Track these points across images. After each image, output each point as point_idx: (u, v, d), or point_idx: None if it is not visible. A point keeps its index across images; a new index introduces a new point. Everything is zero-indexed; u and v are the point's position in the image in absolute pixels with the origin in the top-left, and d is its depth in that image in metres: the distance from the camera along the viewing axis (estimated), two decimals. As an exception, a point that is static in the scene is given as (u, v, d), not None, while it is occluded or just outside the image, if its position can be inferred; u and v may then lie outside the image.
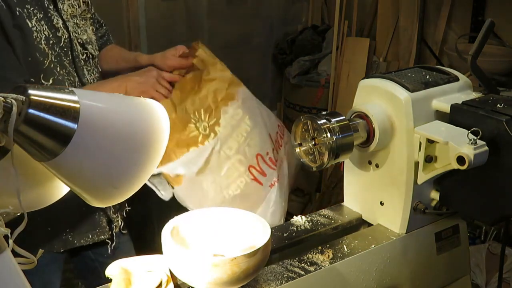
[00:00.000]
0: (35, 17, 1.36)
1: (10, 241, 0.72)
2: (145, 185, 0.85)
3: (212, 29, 3.41)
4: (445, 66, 1.45)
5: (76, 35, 1.50)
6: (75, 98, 0.73)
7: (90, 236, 1.60)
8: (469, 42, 2.91)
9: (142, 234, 2.66)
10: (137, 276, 1.05)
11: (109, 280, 1.05)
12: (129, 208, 1.73)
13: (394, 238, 1.25)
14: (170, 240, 1.01)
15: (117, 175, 0.80)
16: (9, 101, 0.68)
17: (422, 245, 1.29)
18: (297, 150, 1.21)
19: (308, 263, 1.14)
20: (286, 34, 3.78)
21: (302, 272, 1.11)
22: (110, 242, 1.66)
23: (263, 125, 1.61)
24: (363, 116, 1.21)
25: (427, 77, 1.26)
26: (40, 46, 1.38)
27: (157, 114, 0.86)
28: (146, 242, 2.52)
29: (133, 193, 0.84)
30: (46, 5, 1.41)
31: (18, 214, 0.75)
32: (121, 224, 1.69)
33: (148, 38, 3.06)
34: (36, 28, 1.37)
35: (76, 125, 0.72)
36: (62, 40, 1.44)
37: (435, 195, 1.26)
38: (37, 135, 0.71)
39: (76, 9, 1.51)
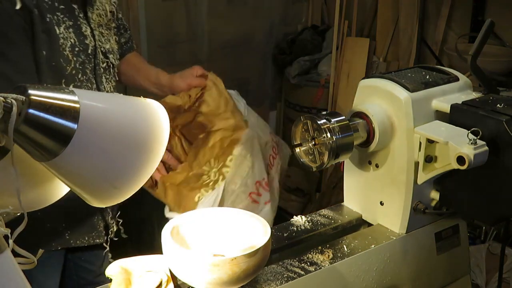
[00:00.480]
0: (64, 25, 1.42)
1: (10, 241, 0.72)
2: (143, 186, 0.85)
3: (212, 29, 3.42)
4: (445, 66, 1.45)
5: (100, 43, 1.54)
6: (75, 98, 0.73)
7: (86, 238, 1.62)
8: (469, 42, 2.91)
9: (141, 234, 2.67)
10: (137, 276, 1.05)
11: (109, 280, 1.05)
12: (119, 212, 1.74)
13: (394, 238, 1.25)
14: (170, 240, 1.01)
15: (117, 175, 0.80)
16: (9, 101, 0.68)
17: (422, 245, 1.29)
18: (297, 150, 1.21)
19: (308, 263, 1.14)
20: (286, 34, 3.78)
21: (302, 272, 1.11)
22: (105, 248, 1.68)
23: (260, 155, 1.72)
24: (363, 116, 1.21)
25: (427, 77, 1.26)
26: (64, 52, 1.43)
27: (157, 114, 0.86)
28: (146, 242, 2.53)
29: (133, 193, 0.84)
30: (76, 13, 1.46)
31: (18, 214, 0.75)
32: (115, 230, 1.70)
33: (148, 38, 3.06)
34: (64, 35, 1.42)
35: (76, 125, 0.72)
36: (89, 47, 1.49)
37: (435, 195, 1.26)
38: (37, 135, 0.71)
39: (103, 18, 1.56)
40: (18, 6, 1.33)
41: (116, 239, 1.72)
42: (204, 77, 1.73)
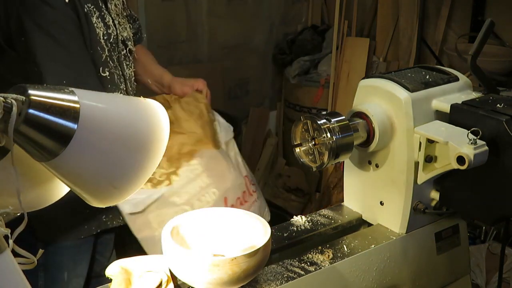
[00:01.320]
0: (95, 15, 1.50)
1: (10, 241, 0.72)
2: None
3: (212, 29, 3.42)
4: (445, 66, 1.45)
5: (119, 32, 1.62)
6: (75, 98, 0.73)
7: (122, 218, 1.62)
8: (469, 42, 2.91)
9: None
10: (137, 276, 1.05)
11: (109, 280, 1.05)
12: None
13: (394, 238, 1.25)
14: (170, 240, 1.01)
15: (117, 175, 0.80)
16: (9, 101, 0.68)
17: (422, 245, 1.29)
18: (297, 150, 1.21)
19: (308, 263, 1.14)
20: (286, 34, 3.78)
21: (302, 272, 1.11)
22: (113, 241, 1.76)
23: (224, 188, 1.65)
24: (363, 116, 1.21)
25: (427, 77, 1.26)
26: (101, 40, 1.52)
27: (157, 114, 0.86)
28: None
29: (133, 193, 0.83)
30: (100, 4, 1.54)
31: (18, 214, 0.75)
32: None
33: (148, 38, 3.06)
34: (97, 24, 1.51)
35: (76, 125, 0.72)
36: (112, 36, 1.57)
37: (435, 195, 1.26)
38: (37, 135, 0.71)
39: (119, 8, 1.64)
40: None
41: None
42: (202, 93, 1.78)
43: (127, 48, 1.66)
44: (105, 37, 1.53)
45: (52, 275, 1.66)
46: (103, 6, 1.55)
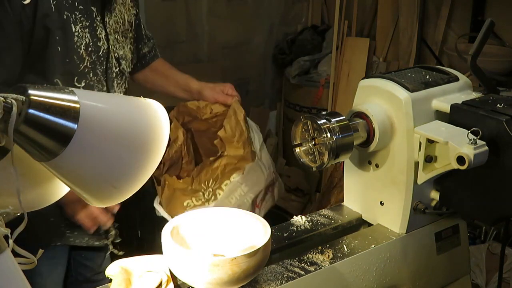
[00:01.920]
0: (80, 24, 1.47)
1: (10, 241, 0.72)
2: (144, 186, 0.85)
3: (212, 29, 3.42)
4: (445, 66, 1.45)
5: (114, 48, 1.59)
6: (75, 98, 0.73)
7: (86, 239, 1.65)
8: (469, 42, 2.91)
9: (142, 234, 2.66)
10: (137, 276, 1.05)
11: (109, 280, 1.05)
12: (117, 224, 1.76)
13: (394, 238, 1.25)
14: (170, 240, 1.01)
15: (117, 175, 0.80)
16: (9, 101, 0.68)
17: (422, 245, 1.29)
18: (297, 150, 1.21)
19: (308, 263, 1.14)
20: (286, 34, 3.78)
21: (302, 272, 1.11)
22: (105, 250, 1.71)
23: (256, 188, 1.80)
24: (363, 116, 1.21)
25: (427, 77, 1.26)
26: (79, 50, 1.47)
27: (157, 114, 0.86)
28: (146, 242, 2.53)
29: (133, 193, 0.83)
30: (94, 16, 1.50)
31: (18, 214, 0.75)
32: (116, 233, 1.71)
33: (148, 38, 3.06)
34: (79, 34, 1.46)
35: (76, 125, 0.72)
36: (101, 50, 1.53)
37: (435, 195, 1.26)
38: (37, 135, 0.71)
39: (120, 26, 1.61)
40: (26, 1, 1.36)
41: (117, 241, 1.73)
42: (232, 96, 1.83)
43: (121, 67, 1.64)
44: (89, 49, 1.49)
45: (28, 279, 1.65)
46: (98, 18, 1.51)
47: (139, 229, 2.71)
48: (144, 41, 1.82)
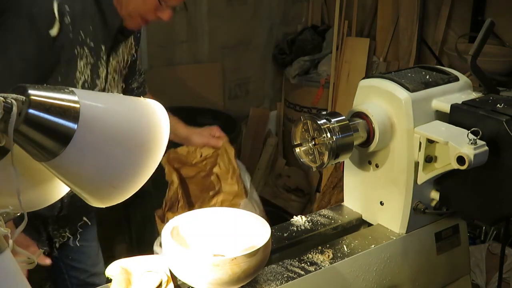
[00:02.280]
0: (85, 60, 1.46)
1: (10, 241, 0.72)
2: (144, 186, 0.85)
3: (212, 29, 3.41)
4: (445, 66, 1.45)
5: (109, 87, 1.59)
6: (75, 98, 0.73)
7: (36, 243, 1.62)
8: (469, 42, 2.91)
9: (142, 235, 2.67)
10: (137, 276, 1.05)
11: (109, 280, 1.05)
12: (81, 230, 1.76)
13: (394, 238, 1.25)
14: (170, 240, 1.01)
15: (117, 175, 0.80)
16: (9, 101, 0.68)
17: (422, 245, 1.29)
18: (297, 150, 1.21)
19: (308, 263, 1.14)
20: (286, 34, 3.78)
21: (302, 272, 1.11)
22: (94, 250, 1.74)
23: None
24: (363, 116, 1.21)
25: (427, 77, 1.26)
26: (76, 85, 1.47)
27: (157, 114, 0.86)
28: (146, 242, 2.53)
29: (133, 193, 0.83)
30: (101, 54, 1.50)
31: (18, 214, 0.75)
32: (66, 239, 1.71)
33: (148, 38, 3.06)
34: (81, 69, 1.47)
35: (76, 125, 0.72)
36: (97, 88, 1.53)
37: (435, 195, 1.26)
38: (37, 135, 0.71)
39: (119, 65, 1.61)
40: (55, 33, 1.37)
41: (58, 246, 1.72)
42: (221, 138, 1.85)
43: None
44: (85, 85, 1.49)
45: None
46: (104, 58, 1.51)
47: (139, 230, 2.72)
48: (135, 77, 1.80)
